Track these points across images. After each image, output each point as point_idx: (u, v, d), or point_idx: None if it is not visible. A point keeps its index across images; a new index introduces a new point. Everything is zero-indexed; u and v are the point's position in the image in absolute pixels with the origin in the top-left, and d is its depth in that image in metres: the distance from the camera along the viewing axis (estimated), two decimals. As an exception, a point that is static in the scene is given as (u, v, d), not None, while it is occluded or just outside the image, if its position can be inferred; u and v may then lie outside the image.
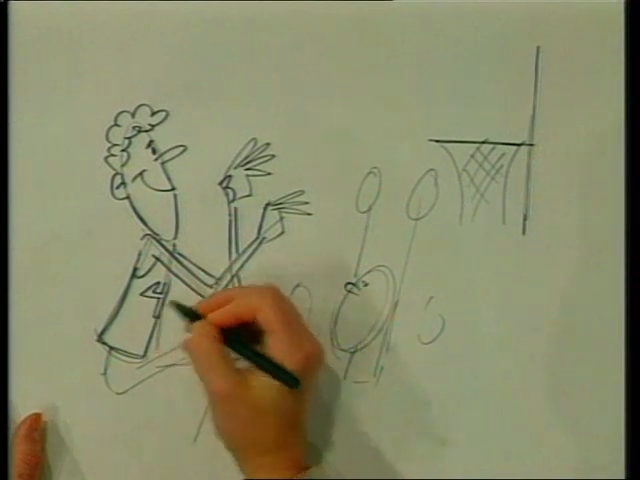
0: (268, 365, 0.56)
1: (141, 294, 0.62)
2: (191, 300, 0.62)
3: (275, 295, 0.57)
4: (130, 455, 0.62)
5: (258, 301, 0.57)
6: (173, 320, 0.62)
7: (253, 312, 0.57)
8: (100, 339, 0.62)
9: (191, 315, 0.58)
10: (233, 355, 0.57)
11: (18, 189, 0.61)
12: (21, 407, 0.61)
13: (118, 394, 0.62)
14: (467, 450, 0.63)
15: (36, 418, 0.61)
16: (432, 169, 0.63)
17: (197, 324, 0.58)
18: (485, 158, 0.63)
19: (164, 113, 0.62)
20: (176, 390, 0.62)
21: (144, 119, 0.62)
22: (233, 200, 0.62)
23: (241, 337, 0.57)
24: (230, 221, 0.62)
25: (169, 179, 0.62)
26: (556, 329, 0.63)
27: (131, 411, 0.62)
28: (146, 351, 0.62)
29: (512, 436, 0.64)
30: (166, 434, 0.62)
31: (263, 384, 0.55)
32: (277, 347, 0.56)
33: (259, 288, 0.59)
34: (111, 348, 0.62)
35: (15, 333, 0.61)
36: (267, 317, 0.56)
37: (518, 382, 0.63)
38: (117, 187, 0.62)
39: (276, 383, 0.55)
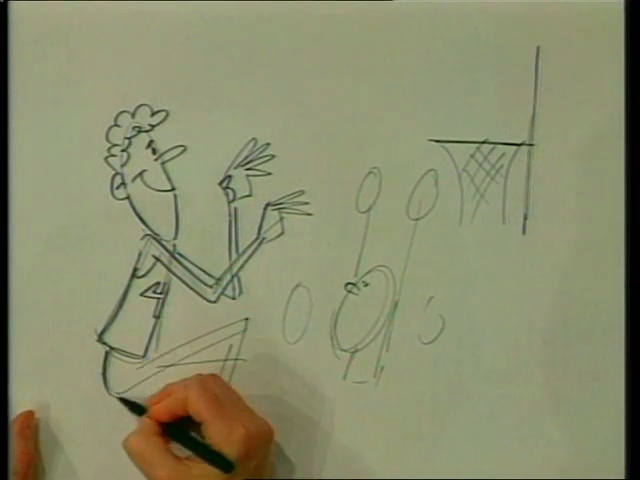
0: (202, 452, 0.56)
1: (141, 294, 0.62)
2: (191, 301, 0.62)
3: (200, 385, 0.58)
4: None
5: (185, 394, 0.57)
6: (173, 320, 0.62)
7: (184, 405, 0.57)
8: (100, 339, 0.62)
9: (136, 409, 0.60)
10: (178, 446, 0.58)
11: (18, 189, 0.61)
12: (21, 407, 0.61)
13: (118, 394, 0.62)
14: (466, 450, 0.63)
15: (28, 415, 0.61)
16: (432, 169, 0.63)
17: (139, 422, 0.59)
18: (485, 158, 0.63)
19: (164, 113, 0.62)
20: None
21: (144, 119, 0.62)
22: (233, 200, 0.62)
23: (181, 426, 0.58)
24: (230, 221, 0.62)
25: (169, 179, 0.62)
26: (556, 329, 0.63)
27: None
28: (146, 351, 0.62)
29: (512, 436, 0.63)
30: (166, 434, 0.62)
31: (204, 471, 0.56)
32: (210, 436, 0.56)
33: (188, 379, 0.59)
34: (111, 348, 0.62)
35: (15, 333, 0.61)
36: (194, 409, 0.57)
37: (517, 382, 0.63)
38: (117, 187, 0.62)
39: (218, 471, 0.55)
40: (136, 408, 0.60)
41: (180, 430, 0.58)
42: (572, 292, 0.63)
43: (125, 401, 0.60)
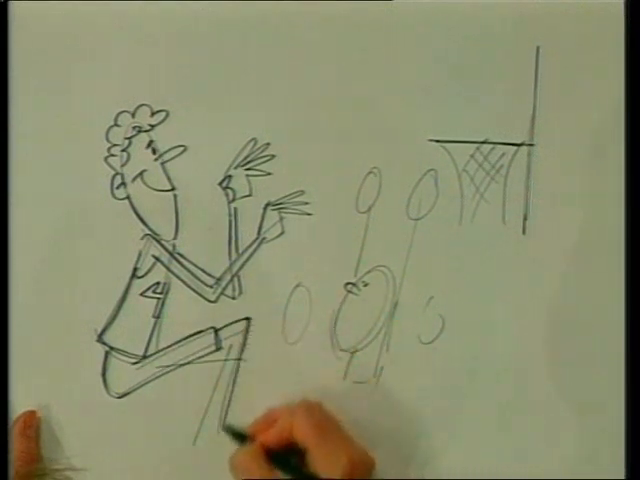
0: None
1: (141, 294, 0.62)
2: (191, 301, 0.62)
3: (305, 410, 0.58)
4: (129, 456, 0.62)
5: (290, 420, 0.57)
6: (173, 320, 0.62)
7: (290, 432, 0.57)
8: (100, 339, 0.62)
9: (241, 438, 0.59)
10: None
11: (18, 189, 0.61)
12: (21, 407, 0.61)
13: (118, 394, 0.62)
14: (467, 450, 0.63)
15: (30, 415, 0.61)
16: (432, 169, 0.63)
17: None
18: (485, 158, 0.63)
19: (164, 113, 0.62)
20: (176, 391, 0.62)
21: (144, 119, 0.62)
22: (233, 200, 0.63)
23: (285, 454, 0.57)
24: (230, 221, 0.63)
25: (169, 179, 0.62)
26: (556, 329, 0.63)
27: (130, 412, 0.62)
28: (146, 351, 0.62)
29: (512, 436, 0.64)
30: (165, 435, 0.62)
31: None
32: (314, 463, 0.56)
33: (293, 405, 0.59)
34: (111, 348, 0.62)
35: (15, 333, 0.61)
36: (300, 436, 0.57)
37: (518, 382, 0.63)
38: (117, 187, 0.62)
39: None
40: (240, 437, 0.59)
41: (284, 458, 0.58)
42: (572, 292, 0.63)
43: (230, 430, 0.60)
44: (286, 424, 0.57)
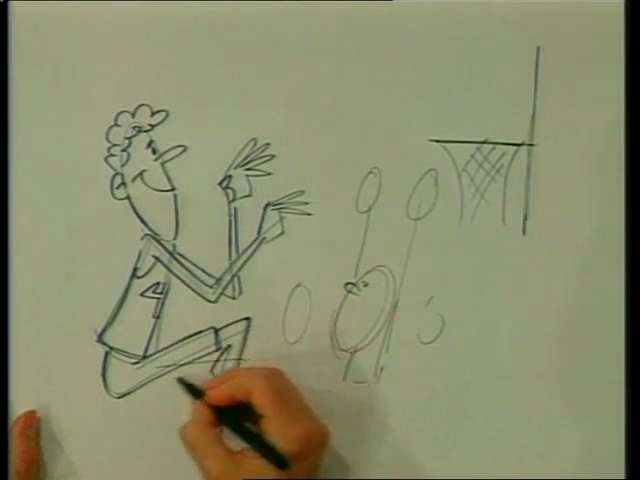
0: (259, 444, 0.56)
1: (141, 294, 0.62)
2: (191, 301, 0.62)
3: (269, 377, 0.58)
4: (129, 456, 0.62)
5: (251, 383, 0.57)
6: (173, 320, 0.62)
7: (247, 393, 0.57)
8: (100, 339, 0.62)
9: (193, 392, 0.59)
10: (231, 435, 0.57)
11: (18, 189, 0.61)
12: (21, 407, 0.61)
13: (118, 394, 0.62)
14: (467, 450, 0.63)
15: (30, 415, 0.61)
16: (432, 169, 0.63)
17: (192, 410, 0.58)
18: (485, 158, 0.63)
19: (164, 113, 0.62)
20: (176, 390, 0.62)
21: (144, 119, 0.62)
22: (233, 200, 0.63)
23: (238, 416, 0.58)
24: (230, 221, 0.63)
25: (169, 179, 0.62)
26: (556, 329, 0.63)
27: (130, 412, 0.62)
28: (146, 351, 0.62)
29: (512, 436, 0.64)
30: (165, 435, 0.62)
31: (255, 467, 0.55)
32: (269, 430, 0.56)
33: (255, 369, 0.59)
34: (111, 348, 0.62)
35: (15, 333, 0.61)
36: (259, 400, 0.56)
37: (518, 382, 0.63)
38: (117, 187, 0.62)
39: (269, 467, 0.55)
40: (194, 391, 0.59)
41: (234, 417, 0.58)
42: (572, 292, 0.63)
43: (183, 383, 0.60)
44: (244, 385, 0.57)
